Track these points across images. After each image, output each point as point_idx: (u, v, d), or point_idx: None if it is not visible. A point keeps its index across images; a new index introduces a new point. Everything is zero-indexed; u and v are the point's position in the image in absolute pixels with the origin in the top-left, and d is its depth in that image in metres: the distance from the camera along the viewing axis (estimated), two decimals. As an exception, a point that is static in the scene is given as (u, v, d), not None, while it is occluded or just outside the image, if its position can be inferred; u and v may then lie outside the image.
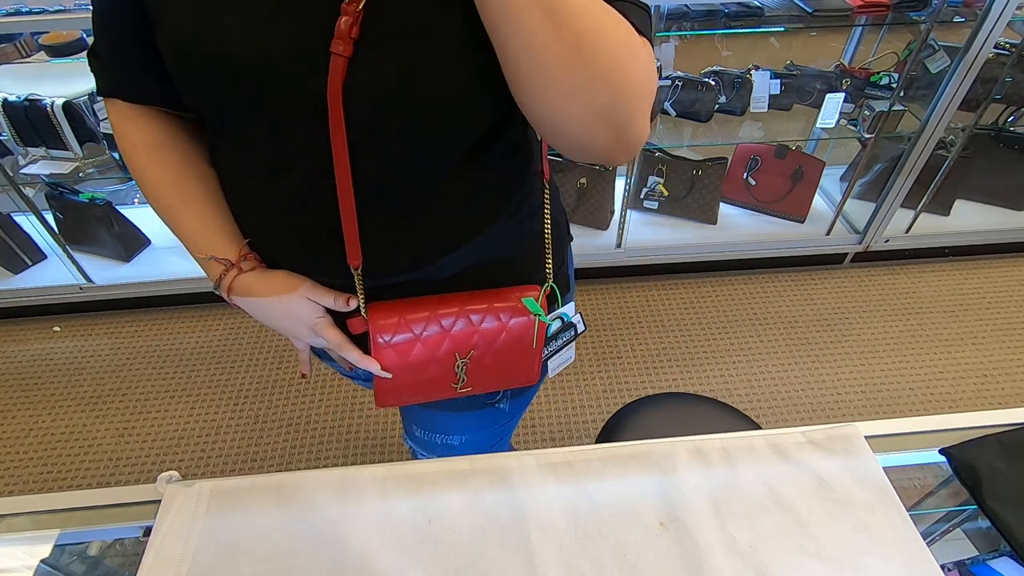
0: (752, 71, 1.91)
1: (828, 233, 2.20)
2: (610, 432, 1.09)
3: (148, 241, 2.15)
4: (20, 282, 2.06)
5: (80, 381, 1.92)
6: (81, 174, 1.87)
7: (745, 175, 2.21)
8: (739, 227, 2.22)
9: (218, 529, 0.66)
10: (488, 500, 0.68)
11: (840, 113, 1.90)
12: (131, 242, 2.10)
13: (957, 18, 1.76)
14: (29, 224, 2.03)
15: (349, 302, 0.65)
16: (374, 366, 0.66)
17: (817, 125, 1.93)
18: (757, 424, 1.10)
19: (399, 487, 0.69)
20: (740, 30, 1.82)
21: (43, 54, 1.69)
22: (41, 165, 1.83)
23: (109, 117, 0.66)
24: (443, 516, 0.67)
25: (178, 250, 2.12)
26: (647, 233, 2.19)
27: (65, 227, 2.01)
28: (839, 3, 1.77)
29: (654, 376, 1.91)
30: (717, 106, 1.95)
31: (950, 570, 0.69)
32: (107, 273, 2.06)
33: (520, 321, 0.68)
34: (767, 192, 2.22)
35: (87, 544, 0.72)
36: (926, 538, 0.65)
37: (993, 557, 0.69)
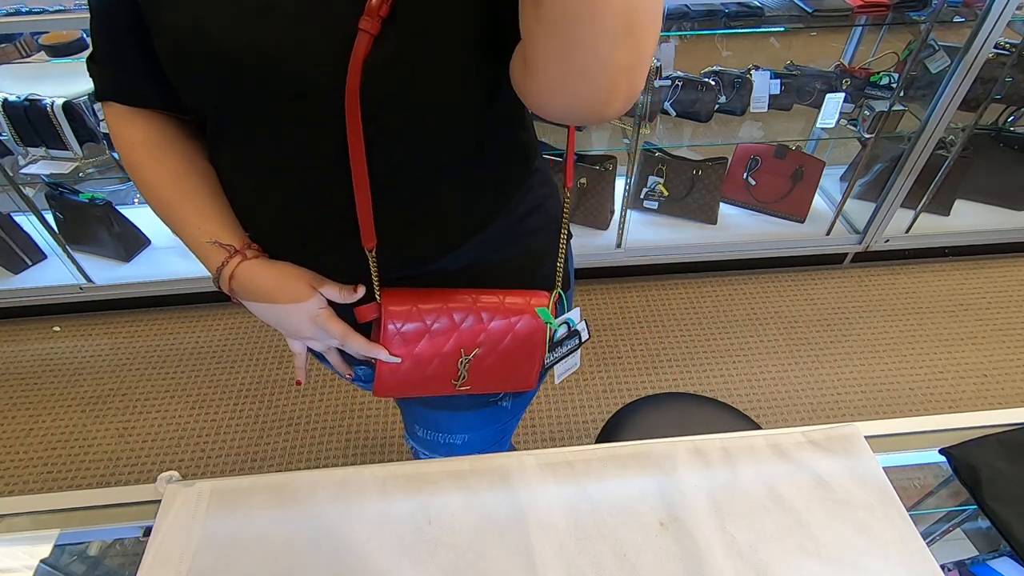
0: (752, 71, 1.91)
1: (828, 233, 2.20)
2: (610, 432, 1.09)
3: (148, 241, 2.15)
4: (20, 282, 2.06)
5: (80, 381, 1.92)
6: (81, 174, 1.87)
7: (745, 175, 2.21)
8: (739, 227, 2.22)
9: (218, 529, 0.65)
10: (488, 500, 0.68)
11: (840, 113, 1.90)
12: (131, 242, 2.10)
13: (957, 18, 1.76)
14: (29, 224, 2.03)
15: (356, 290, 0.64)
16: (381, 352, 0.65)
17: (817, 125, 1.93)
18: (757, 424, 1.10)
19: (399, 487, 0.69)
20: (740, 30, 1.82)
21: (43, 54, 1.69)
22: (41, 165, 1.83)
23: (106, 121, 0.66)
24: (443, 516, 0.67)
25: (178, 250, 2.13)
26: (647, 233, 2.19)
27: (65, 227, 2.01)
28: (839, 3, 1.77)
29: (654, 376, 1.91)
30: (717, 106, 1.95)
31: (950, 570, 0.69)
32: (107, 273, 2.06)
33: (527, 324, 0.68)
34: (767, 192, 2.22)
35: (87, 544, 0.72)
36: (926, 538, 0.65)
37: (993, 557, 0.69)
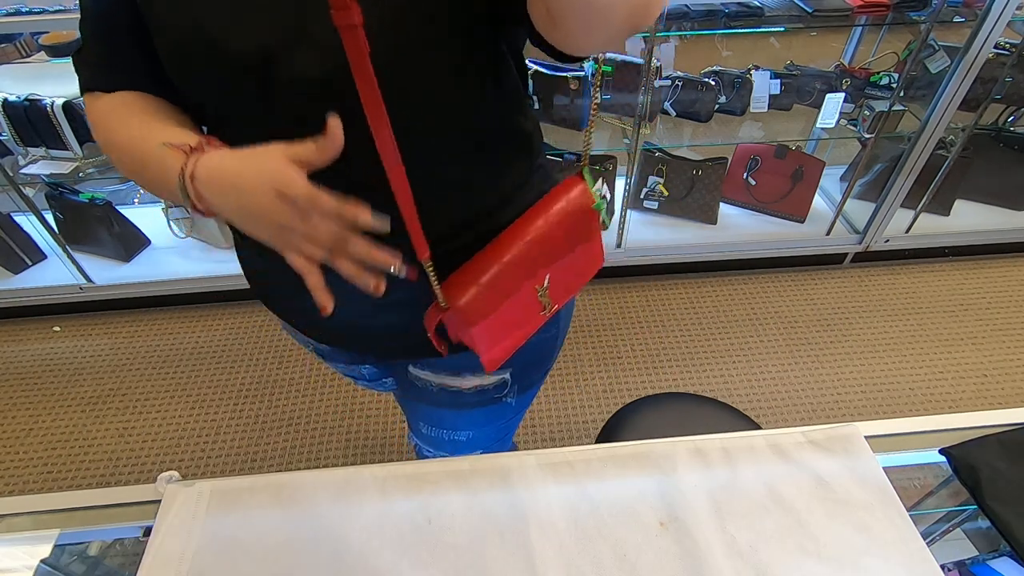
0: (752, 71, 1.91)
1: (828, 233, 2.20)
2: (610, 432, 1.09)
3: (148, 241, 2.15)
4: (20, 282, 2.06)
5: (80, 381, 1.92)
6: (81, 174, 1.87)
7: (745, 175, 2.21)
8: (739, 227, 2.22)
9: (218, 529, 0.66)
10: (488, 500, 0.68)
11: (840, 113, 1.90)
12: (131, 242, 2.10)
13: (957, 18, 1.76)
14: (29, 224, 2.03)
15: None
16: (361, 214, 0.49)
17: (817, 125, 1.93)
18: (757, 424, 1.10)
19: (399, 487, 0.69)
20: (740, 30, 1.82)
21: (43, 54, 1.69)
22: (41, 165, 1.83)
23: (88, 112, 0.61)
24: (443, 516, 0.67)
25: (178, 250, 2.13)
26: (647, 233, 2.19)
27: (65, 227, 2.01)
28: (839, 3, 1.77)
29: (654, 376, 1.91)
30: (717, 106, 1.95)
31: (950, 570, 0.69)
32: (107, 273, 2.06)
33: (580, 224, 0.68)
34: (767, 192, 2.22)
35: (87, 544, 0.72)
36: (926, 538, 0.65)
37: (993, 557, 0.69)
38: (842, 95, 1.88)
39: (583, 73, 1.81)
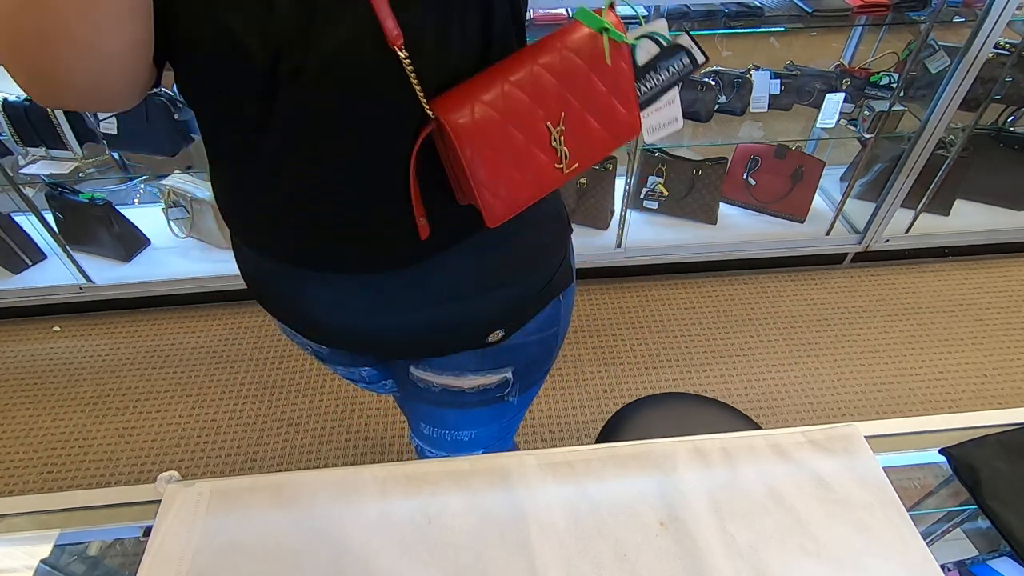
0: (752, 71, 1.91)
1: (828, 233, 2.20)
2: (610, 432, 1.09)
3: (148, 241, 2.15)
4: (20, 282, 2.06)
5: (80, 381, 1.92)
6: (81, 174, 1.87)
7: (745, 175, 2.21)
8: (739, 227, 2.22)
9: (218, 529, 0.65)
10: (488, 500, 0.68)
11: (840, 113, 1.90)
12: (131, 242, 2.10)
13: (957, 18, 1.76)
14: (29, 224, 2.03)
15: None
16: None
17: (817, 125, 1.93)
18: (757, 424, 1.10)
19: (399, 487, 0.69)
20: (740, 30, 1.82)
21: (43, 54, 1.68)
22: (41, 165, 1.83)
23: None
24: (443, 516, 0.67)
25: (178, 250, 2.13)
26: (647, 233, 2.19)
27: (65, 227, 2.01)
28: (839, 3, 1.77)
29: (654, 376, 1.91)
30: (717, 106, 1.95)
31: (950, 570, 0.69)
32: (107, 273, 2.06)
33: (600, 59, 0.56)
34: (767, 192, 2.22)
35: (87, 544, 0.72)
36: (926, 538, 0.65)
37: (993, 557, 0.69)
38: (842, 95, 1.88)
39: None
